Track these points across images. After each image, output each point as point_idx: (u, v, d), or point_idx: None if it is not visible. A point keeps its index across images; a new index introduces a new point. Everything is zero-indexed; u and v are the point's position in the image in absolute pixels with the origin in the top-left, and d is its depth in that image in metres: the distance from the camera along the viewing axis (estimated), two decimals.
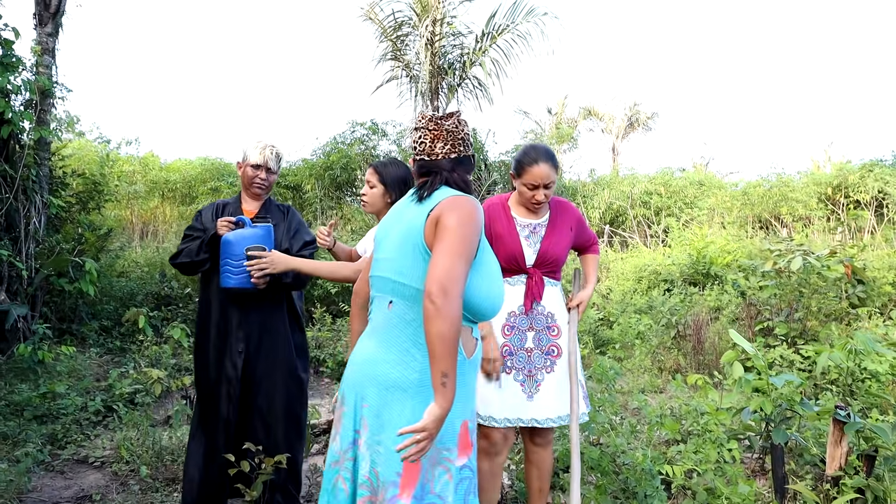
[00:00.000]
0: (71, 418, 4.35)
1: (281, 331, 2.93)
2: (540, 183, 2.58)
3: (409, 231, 1.82)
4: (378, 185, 2.75)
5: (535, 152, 2.60)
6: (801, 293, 5.19)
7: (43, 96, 6.41)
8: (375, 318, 1.87)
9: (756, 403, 3.45)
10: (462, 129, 1.96)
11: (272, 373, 2.88)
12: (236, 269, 2.68)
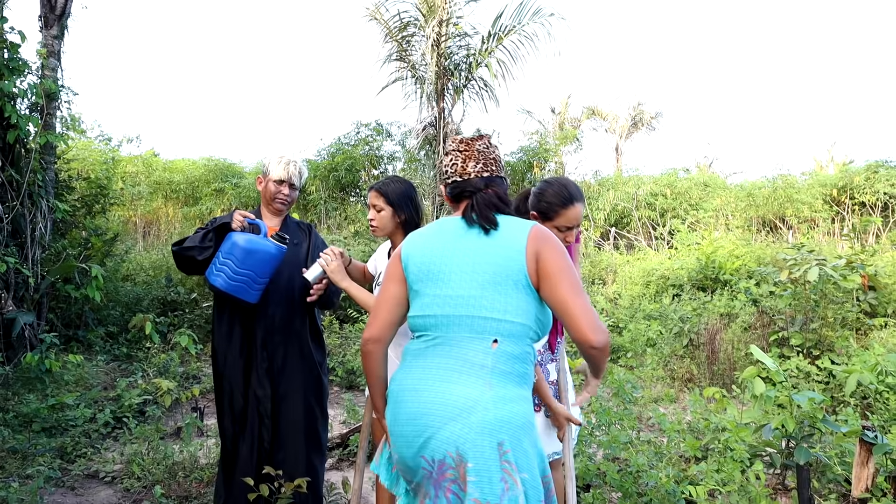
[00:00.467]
0: (80, 430, 4.30)
1: (305, 349, 2.87)
2: (575, 224, 2.39)
3: (503, 267, 1.74)
4: (385, 208, 2.69)
5: (567, 191, 2.37)
6: (816, 303, 5.13)
7: (49, 99, 6.35)
8: (461, 358, 1.73)
9: (778, 420, 3.40)
10: (493, 151, 1.94)
11: (295, 392, 2.82)
12: (230, 272, 2.59)
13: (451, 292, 1.76)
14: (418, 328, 1.82)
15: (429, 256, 1.83)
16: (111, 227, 8.31)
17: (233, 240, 2.60)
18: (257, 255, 2.61)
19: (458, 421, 1.64)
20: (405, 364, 1.83)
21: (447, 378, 1.71)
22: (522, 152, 14.20)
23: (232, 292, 2.59)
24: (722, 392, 3.94)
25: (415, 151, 12.57)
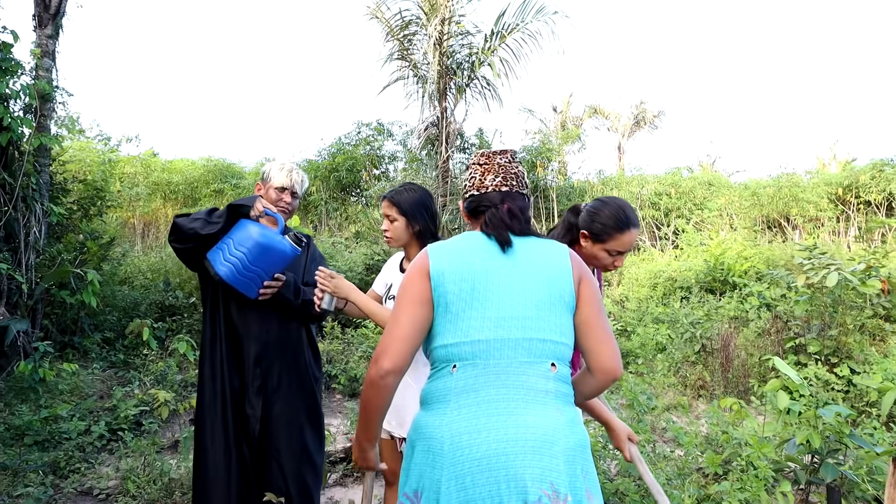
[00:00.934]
0: (74, 444, 4.14)
1: (302, 365, 2.72)
2: (627, 250, 2.27)
3: (557, 288, 1.63)
4: (398, 218, 2.55)
5: (625, 215, 2.22)
6: (834, 309, 4.97)
7: (43, 101, 6.19)
8: (522, 386, 1.56)
9: (803, 436, 3.25)
10: (515, 166, 1.83)
11: (291, 412, 2.65)
12: (240, 266, 2.41)
13: (503, 313, 1.59)
14: (462, 357, 1.59)
15: (470, 273, 1.62)
16: (108, 230, 8.15)
17: (249, 231, 2.41)
18: (272, 255, 2.45)
19: (544, 454, 1.48)
20: (448, 403, 1.57)
21: (514, 411, 1.53)
22: (525, 152, 14.04)
23: (235, 285, 2.43)
24: (740, 403, 3.79)
25: (417, 151, 12.41)
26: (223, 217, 2.47)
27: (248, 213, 2.49)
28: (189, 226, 2.44)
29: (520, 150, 14.28)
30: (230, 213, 2.48)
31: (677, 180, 15.46)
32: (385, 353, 1.58)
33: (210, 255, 2.44)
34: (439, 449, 1.51)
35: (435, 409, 1.59)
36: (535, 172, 13.83)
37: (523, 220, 1.74)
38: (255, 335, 2.59)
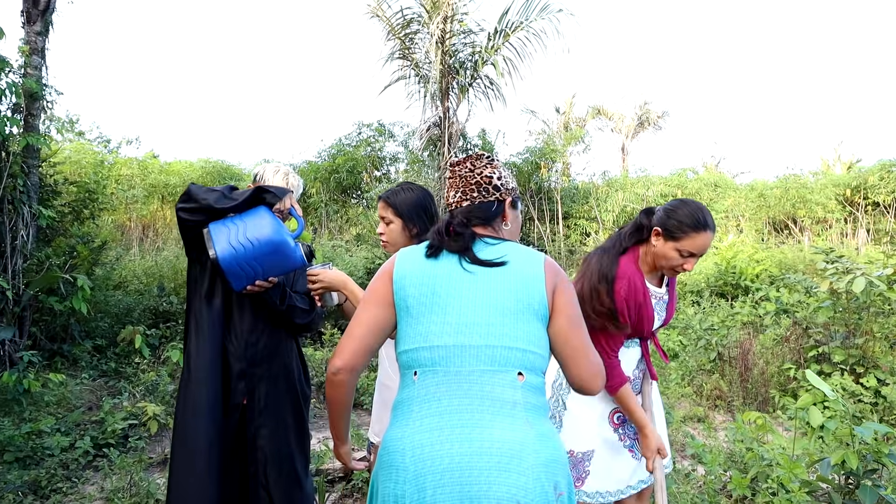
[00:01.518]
0: (57, 461, 3.90)
1: (292, 382, 2.44)
2: (700, 253, 2.20)
3: (525, 295, 1.54)
4: (395, 220, 2.35)
5: (703, 215, 2.17)
6: (859, 316, 4.73)
7: (31, 100, 5.96)
8: (487, 397, 1.47)
9: (838, 456, 3.00)
10: (477, 174, 1.70)
11: (280, 438, 2.36)
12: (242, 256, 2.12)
13: (465, 319, 1.51)
14: (421, 363, 1.52)
15: (431, 278, 1.57)
16: (100, 233, 7.91)
17: (267, 224, 2.14)
18: (280, 258, 2.19)
19: (511, 470, 1.39)
20: (411, 413, 1.50)
21: (479, 422, 1.44)
22: (529, 153, 13.81)
23: (226, 272, 2.13)
24: (764, 417, 3.55)
25: (418, 152, 12.18)
26: (244, 197, 2.18)
27: (272, 204, 2.21)
28: (203, 195, 2.16)
29: (523, 150, 14.05)
30: (254, 196, 2.19)
31: (683, 181, 15.23)
32: (340, 350, 1.56)
33: (213, 228, 2.13)
34: (401, 462, 1.44)
35: (398, 421, 1.52)
36: (538, 174, 13.59)
37: (467, 235, 1.62)
38: (241, 346, 2.32)
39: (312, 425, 5.01)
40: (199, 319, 2.30)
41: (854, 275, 4.39)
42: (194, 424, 2.23)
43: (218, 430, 2.25)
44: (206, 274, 2.33)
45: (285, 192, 2.24)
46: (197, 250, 2.31)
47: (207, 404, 2.23)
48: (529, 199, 13.47)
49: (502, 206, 1.70)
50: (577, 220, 14.02)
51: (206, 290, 2.32)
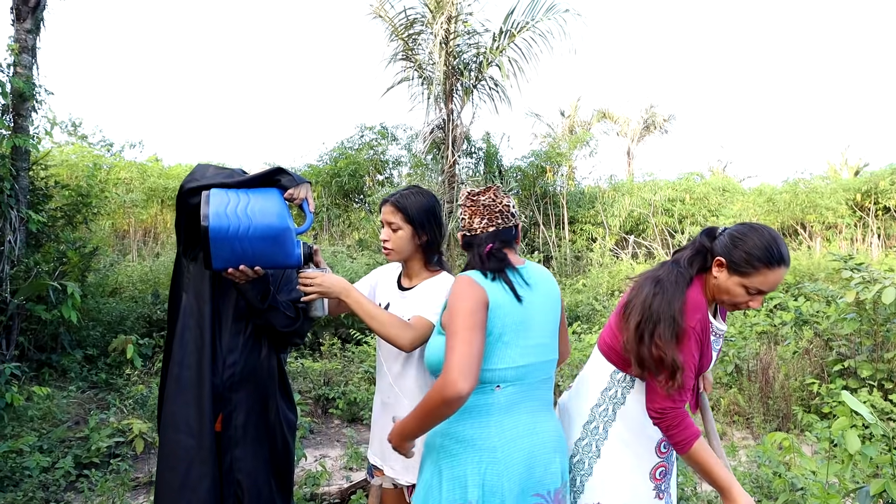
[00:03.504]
0: (36, 482, 3.66)
1: (273, 408, 2.16)
2: (770, 290, 1.87)
3: (557, 314, 1.99)
4: (404, 226, 2.14)
5: (777, 248, 1.81)
6: (887, 329, 4.47)
7: (20, 100, 5.75)
8: (540, 399, 1.91)
9: (878, 485, 2.75)
10: (499, 203, 1.94)
11: (256, 471, 2.09)
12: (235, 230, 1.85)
13: (536, 342, 1.87)
14: (506, 379, 1.81)
15: (517, 308, 1.83)
16: (93, 238, 7.69)
17: (273, 207, 1.89)
18: (275, 247, 1.91)
19: (560, 453, 1.90)
20: (492, 416, 1.80)
21: (540, 419, 1.88)
22: (534, 156, 13.57)
23: (210, 243, 1.84)
24: (790, 439, 3.30)
25: (422, 156, 11.95)
26: (259, 174, 1.94)
27: (286, 187, 1.97)
28: (212, 173, 1.93)
29: (528, 154, 13.81)
30: (270, 174, 1.95)
31: (691, 186, 14.97)
32: (467, 374, 1.64)
33: (213, 193, 1.86)
34: (492, 450, 1.76)
35: (482, 420, 1.79)
36: (543, 179, 13.36)
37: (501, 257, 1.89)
38: (218, 368, 2.06)
39: (309, 442, 4.78)
40: (187, 318, 2.05)
41: (882, 284, 4.14)
42: (176, 440, 2.00)
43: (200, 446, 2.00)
44: (203, 276, 2.07)
45: (304, 180, 2.00)
46: (193, 245, 2.05)
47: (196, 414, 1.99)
48: (535, 203, 13.24)
49: (517, 231, 1.97)
50: (583, 225, 13.78)
51: (198, 289, 2.06)
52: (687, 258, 1.96)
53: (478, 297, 1.76)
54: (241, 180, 1.92)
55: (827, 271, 8.14)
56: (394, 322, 2.01)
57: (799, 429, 4.64)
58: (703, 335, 1.88)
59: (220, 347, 2.08)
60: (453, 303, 1.75)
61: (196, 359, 2.03)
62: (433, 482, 1.80)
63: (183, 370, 2.03)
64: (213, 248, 1.85)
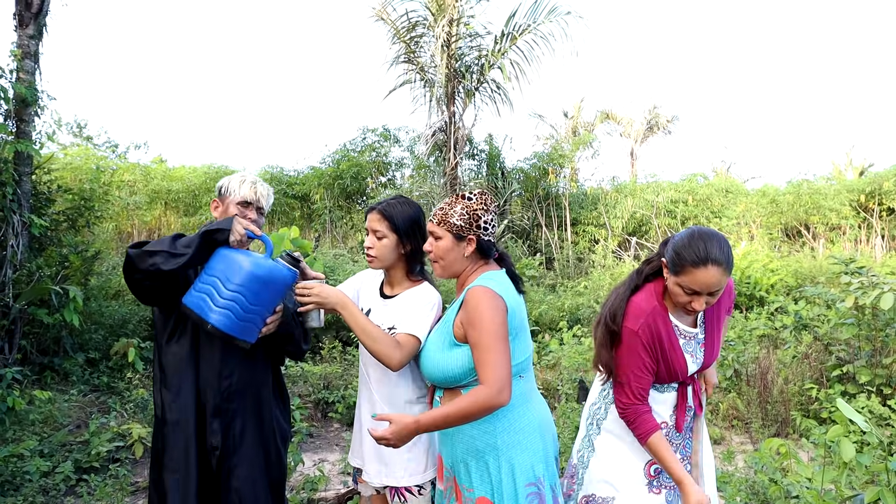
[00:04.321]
0: (36, 486, 3.69)
1: (268, 417, 2.20)
2: (703, 291, 1.87)
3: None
4: (389, 235, 2.17)
5: (703, 248, 1.84)
6: (886, 334, 4.46)
7: (23, 105, 5.79)
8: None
9: (873, 493, 2.76)
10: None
11: (253, 478, 2.12)
12: (239, 310, 1.90)
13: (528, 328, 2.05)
14: (525, 369, 1.98)
15: (521, 307, 1.99)
16: (95, 242, 7.72)
17: (238, 262, 1.90)
18: (274, 287, 1.96)
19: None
20: (529, 401, 1.99)
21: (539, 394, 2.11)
22: (536, 158, 13.57)
23: (234, 334, 1.90)
24: (787, 445, 3.30)
25: (424, 158, 11.96)
26: (193, 247, 1.93)
27: (225, 240, 1.97)
28: (148, 261, 1.90)
29: (531, 156, 13.81)
30: (203, 241, 1.95)
31: (694, 187, 14.94)
32: (507, 386, 1.80)
33: (192, 302, 1.91)
34: (539, 429, 1.96)
35: (520, 410, 1.94)
36: (545, 180, 13.36)
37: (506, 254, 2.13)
38: (214, 379, 2.09)
39: (307, 446, 4.79)
40: (166, 365, 2.11)
41: (881, 289, 4.13)
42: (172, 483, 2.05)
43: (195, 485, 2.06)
44: (169, 317, 2.12)
45: (230, 221, 2.00)
46: (161, 303, 2.10)
47: (184, 458, 2.05)
48: (537, 205, 13.24)
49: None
50: (585, 227, 13.77)
51: (170, 331, 2.11)
52: (640, 265, 2.10)
53: (502, 308, 1.85)
54: (184, 264, 1.92)
55: (829, 274, 8.12)
56: (386, 341, 2.02)
57: (798, 434, 4.64)
58: (652, 339, 1.97)
59: (211, 364, 2.11)
60: (481, 317, 1.82)
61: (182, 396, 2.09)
62: (502, 478, 1.89)
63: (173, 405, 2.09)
64: (236, 335, 1.92)
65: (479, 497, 1.91)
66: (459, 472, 1.96)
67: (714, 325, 2.12)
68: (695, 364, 2.07)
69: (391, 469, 2.16)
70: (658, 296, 2.02)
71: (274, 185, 13.01)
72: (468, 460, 1.93)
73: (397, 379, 2.18)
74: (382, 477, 2.18)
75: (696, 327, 2.09)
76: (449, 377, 1.90)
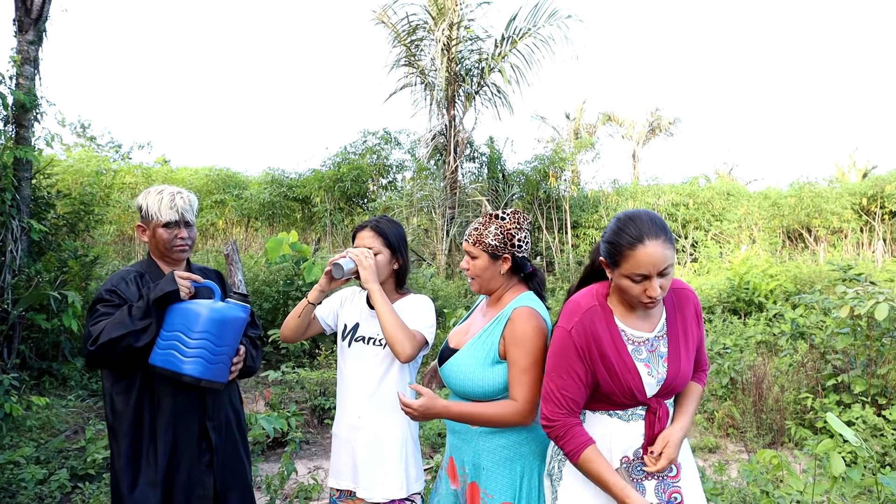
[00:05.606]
0: (32, 493, 3.71)
1: (242, 423, 2.33)
2: (652, 271, 1.63)
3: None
4: (383, 250, 2.24)
5: (636, 226, 1.65)
6: (882, 344, 4.46)
7: (22, 111, 5.81)
8: None
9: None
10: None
11: (233, 483, 2.23)
12: (209, 355, 1.99)
13: None
14: None
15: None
16: (95, 246, 7.75)
17: (196, 312, 2.00)
18: (234, 325, 2.06)
19: None
20: None
21: None
22: (537, 160, 13.57)
23: (209, 378, 2.00)
24: (780, 457, 3.30)
25: (424, 160, 11.98)
26: (153, 314, 1.99)
27: (177, 298, 2.04)
28: (119, 347, 1.95)
29: (532, 158, 13.82)
30: (158, 303, 2.01)
31: (695, 190, 14.92)
32: (536, 408, 1.90)
33: (160, 360, 1.97)
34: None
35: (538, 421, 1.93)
36: (546, 183, 13.36)
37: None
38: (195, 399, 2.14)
39: (303, 453, 4.81)
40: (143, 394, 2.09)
41: (876, 300, 4.13)
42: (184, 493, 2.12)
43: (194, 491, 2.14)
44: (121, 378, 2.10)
45: (171, 278, 2.04)
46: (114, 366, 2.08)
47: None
48: (538, 208, 13.24)
49: None
50: (586, 230, 13.77)
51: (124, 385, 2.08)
52: (586, 274, 1.94)
53: (544, 331, 1.94)
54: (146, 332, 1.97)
55: (829, 279, 8.11)
56: (406, 331, 2.10)
57: (793, 443, 4.64)
58: (587, 341, 1.74)
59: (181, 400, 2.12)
60: (526, 338, 1.90)
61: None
62: (528, 484, 1.96)
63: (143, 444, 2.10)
64: (211, 378, 2.02)
65: (502, 503, 1.95)
66: (480, 477, 1.98)
67: (679, 336, 1.82)
68: (652, 378, 1.76)
69: (390, 480, 2.17)
70: (600, 296, 1.81)
71: (275, 188, 13.04)
72: (494, 468, 1.96)
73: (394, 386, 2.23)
74: (383, 490, 2.18)
75: (651, 331, 1.80)
76: (486, 392, 1.94)
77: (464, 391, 1.98)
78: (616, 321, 1.78)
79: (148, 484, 2.04)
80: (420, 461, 2.28)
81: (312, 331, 2.38)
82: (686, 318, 1.85)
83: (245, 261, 8.56)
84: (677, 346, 1.80)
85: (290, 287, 7.18)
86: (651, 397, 1.79)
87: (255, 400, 5.17)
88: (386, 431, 2.20)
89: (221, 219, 13.38)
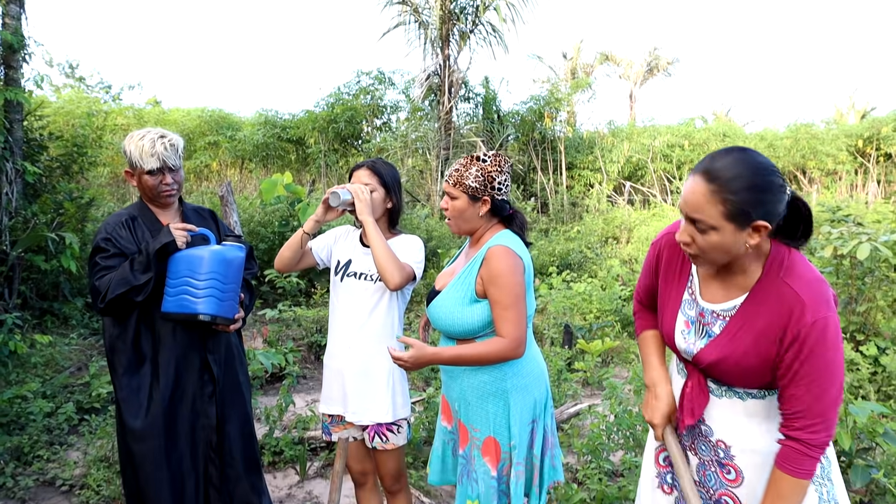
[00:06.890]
0: (40, 426, 3.86)
1: (239, 353, 2.45)
2: (683, 209, 1.47)
3: None
4: (379, 188, 2.34)
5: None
6: (863, 283, 4.58)
7: (10, 51, 5.75)
8: None
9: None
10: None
11: (236, 408, 2.37)
12: (219, 293, 2.13)
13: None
14: (531, 316, 2.08)
15: (531, 263, 2.11)
16: (90, 189, 7.77)
17: (198, 255, 2.12)
18: (235, 263, 2.19)
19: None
20: (533, 344, 2.15)
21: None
22: (533, 101, 13.46)
23: (224, 314, 2.16)
24: None
25: (418, 101, 11.87)
26: (153, 267, 2.09)
27: (174, 248, 2.13)
28: (126, 300, 2.07)
29: (527, 99, 13.70)
30: (159, 254, 2.10)
31: (690, 131, 14.85)
32: (524, 340, 1.98)
33: (172, 306, 2.10)
34: (542, 372, 2.13)
35: (528, 355, 2.07)
36: (542, 123, 13.28)
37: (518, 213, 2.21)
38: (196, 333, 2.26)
39: (301, 388, 4.98)
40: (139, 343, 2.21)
41: (860, 240, 4.23)
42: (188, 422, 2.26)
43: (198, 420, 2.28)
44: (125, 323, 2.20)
45: (167, 231, 2.12)
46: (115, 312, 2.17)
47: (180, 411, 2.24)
48: (533, 149, 13.21)
49: None
50: (580, 171, 13.78)
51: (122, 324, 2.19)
52: None
53: (521, 267, 1.98)
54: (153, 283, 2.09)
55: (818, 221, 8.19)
56: (396, 261, 2.19)
57: None
58: (657, 257, 1.73)
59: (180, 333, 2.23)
60: (502, 276, 1.94)
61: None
62: (510, 419, 2.03)
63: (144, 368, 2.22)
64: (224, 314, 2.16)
65: (486, 437, 2.03)
66: (468, 413, 2.08)
67: (742, 330, 1.50)
68: (684, 341, 1.62)
69: (377, 405, 2.30)
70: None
71: (268, 129, 12.95)
72: (479, 403, 2.05)
73: (383, 319, 2.33)
74: (371, 414, 2.30)
75: (710, 302, 1.58)
76: (468, 330, 2.01)
77: (447, 330, 2.07)
78: (692, 268, 1.65)
79: (152, 414, 2.16)
80: (406, 389, 2.39)
81: (305, 263, 2.47)
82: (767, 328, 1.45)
83: (240, 202, 8.60)
84: (734, 339, 1.52)
85: (285, 228, 7.26)
86: (688, 362, 1.65)
87: (253, 337, 5.30)
88: (374, 360, 2.30)
89: (215, 160, 13.32)
